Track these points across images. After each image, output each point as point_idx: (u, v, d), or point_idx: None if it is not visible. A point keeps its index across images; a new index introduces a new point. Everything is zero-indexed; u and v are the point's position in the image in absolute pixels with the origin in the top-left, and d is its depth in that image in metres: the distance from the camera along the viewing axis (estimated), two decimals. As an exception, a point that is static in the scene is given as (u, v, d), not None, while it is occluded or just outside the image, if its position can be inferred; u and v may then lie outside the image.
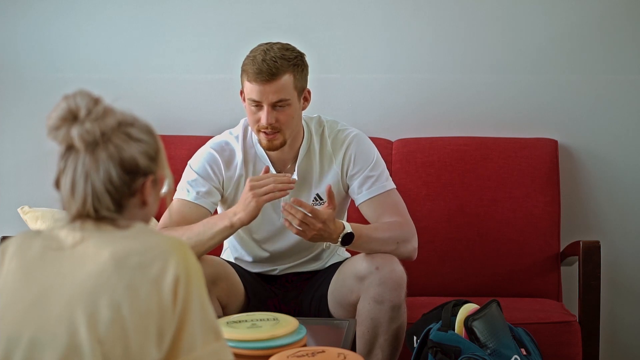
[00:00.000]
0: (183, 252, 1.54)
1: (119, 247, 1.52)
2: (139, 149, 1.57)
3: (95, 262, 1.51)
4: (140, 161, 1.57)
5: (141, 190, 1.58)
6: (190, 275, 1.52)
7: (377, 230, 2.66)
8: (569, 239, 3.25)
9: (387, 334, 2.62)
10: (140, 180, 1.57)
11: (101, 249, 1.52)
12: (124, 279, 1.49)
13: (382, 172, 2.77)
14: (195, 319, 1.53)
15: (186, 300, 1.51)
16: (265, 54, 2.61)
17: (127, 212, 1.58)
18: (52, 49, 3.48)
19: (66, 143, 1.54)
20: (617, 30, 3.37)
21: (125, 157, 1.55)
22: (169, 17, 3.47)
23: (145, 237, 1.55)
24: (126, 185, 1.56)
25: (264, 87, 2.60)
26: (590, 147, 3.40)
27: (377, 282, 2.58)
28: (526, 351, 2.63)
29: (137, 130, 1.58)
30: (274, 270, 2.86)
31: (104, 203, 1.54)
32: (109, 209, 1.55)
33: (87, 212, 1.55)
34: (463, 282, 3.23)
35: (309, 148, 2.76)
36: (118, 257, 1.51)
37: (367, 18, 3.42)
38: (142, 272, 1.50)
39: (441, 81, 3.43)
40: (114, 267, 1.50)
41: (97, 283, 1.49)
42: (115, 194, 1.55)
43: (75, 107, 1.54)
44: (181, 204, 2.70)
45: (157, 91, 3.49)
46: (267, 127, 2.63)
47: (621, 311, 3.41)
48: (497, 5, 3.40)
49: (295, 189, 2.74)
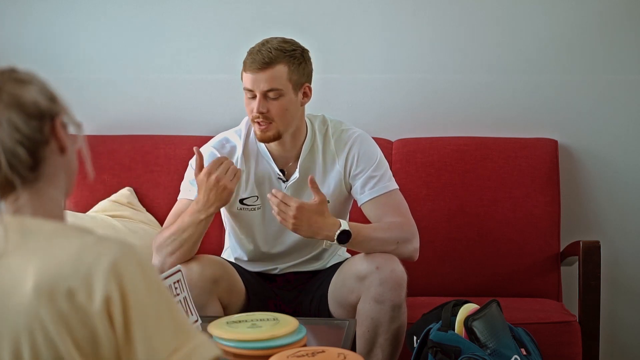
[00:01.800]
0: (114, 263, 1.33)
1: (44, 268, 1.32)
2: (36, 90, 1.40)
3: (20, 292, 1.32)
4: (41, 103, 1.40)
5: (54, 134, 1.41)
6: (125, 288, 1.32)
7: (377, 230, 2.66)
8: (569, 239, 3.25)
9: (387, 333, 2.62)
10: (49, 125, 1.40)
11: (26, 269, 1.32)
12: (53, 314, 1.31)
13: (385, 173, 2.77)
14: (149, 333, 1.33)
15: (126, 317, 1.32)
16: (262, 45, 2.65)
17: (48, 163, 1.41)
18: (52, 49, 3.48)
19: None
20: (617, 30, 3.37)
21: (25, 101, 1.38)
22: (169, 17, 3.47)
23: (72, 245, 1.35)
24: (37, 131, 1.38)
25: (256, 75, 2.62)
26: (590, 147, 3.40)
27: (378, 282, 2.58)
28: (526, 351, 2.63)
29: (23, 74, 1.41)
30: (275, 270, 2.86)
31: (20, 157, 1.36)
32: (27, 164, 1.37)
33: (5, 176, 1.37)
34: (463, 282, 3.23)
35: (312, 146, 2.77)
36: (44, 284, 1.31)
37: (367, 18, 3.42)
38: (70, 301, 1.31)
39: (441, 81, 3.43)
40: (40, 299, 1.31)
41: (24, 320, 1.32)
42: (29, 144, 1.37)
43: None
44: (185, 204, 2.70)
45: (157, 91, 3.49)
46: (258, 117, 2.64)
47: (621, 311, 3.42)
48: (497, 5, 3.40)
49: (297, 187, 2.75)
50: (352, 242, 2.61)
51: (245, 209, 2.78)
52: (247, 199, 2.77)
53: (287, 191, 2.75)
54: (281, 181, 2.76)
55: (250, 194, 2.76)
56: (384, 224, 2.68)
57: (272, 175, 2.76)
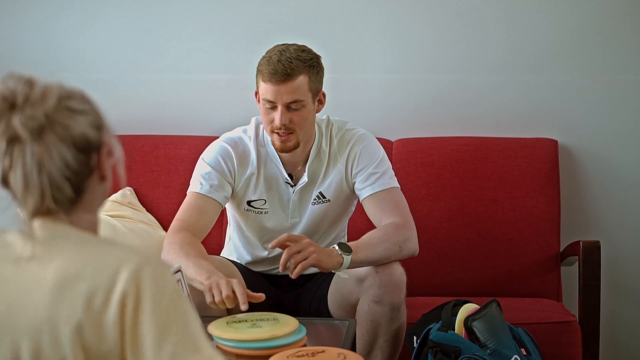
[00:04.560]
0: (135, 270, 1.35)
1: (66, 269, 1.35)
2: (86, 122, 1.41)
3: (38, 291, 1.35)
4: (90, 135, 1.41)
5: (98, 166, 1.43)
6: (141, 294, 1.34)
7: (375, 248, 2.59)
8: (569, 239, 3.25)
9: (386, 334, 2.62)
10: (95, 156, 1.42)
11: (47, 269, 1.36)
12: (67, 314, 1.34)
13: (387, 171, 2.77)
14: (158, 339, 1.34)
15: (136, 320, 1.34)
16: (281, 54, 2.61)
17: (88, 193, 1.43)
18: (53, 49, 3.48)
19: (7, 135, 1.36)
20: (617, 30, 3.37)
21: (75, 134, 1.38)
22: (170, 17, 3.47)
23: (96, 251, 1.38)
24: (84, 165, 1.40)
25: (279, 87, 2.59)
26: (590, 147, 3.40)
27: (377, 283, 2.57)
28: (526, 351, 2.63)
29: (77, 102, 1.41)
30: (275, 270, 2.86)
31: (65, 192, 1.38)
32: (70, 198, 1.39)
33: (47, 206, 1.39)
34: (463, 282, 3.23)
35: (319, 150, 2.76)
36: (63, 284, 1.34)
37: (368, 18, 3.42)
38: (86, 303, 1.34)
39: (441, 81, 3.43)
40: (57, 298, 1.34)
41: (36, 318, 1.34)
42: (75, 179, 1.39)
43: (11, 94, 1.37)
44: (195, 198, 2.70)
45: (157, 91, 3.49)
46: (280, 128, 2.63)
47: (621, 311, 3.42)
48: (497, 5, 3.40)
49: (302, 189, 2.75)
50: (356, 255, 2.54)
51: (252, 211, 2.78)
52: (255, 201, 2.77)
53: (295, 195, 2.74)
54: (289, 185, 2.76)
55: (259, 197, 2.76)
56: (382, 235, 2.64)
57: (280, 180, 2.76)
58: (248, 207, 2.77)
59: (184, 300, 1.39)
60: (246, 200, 2.76)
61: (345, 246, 2.55)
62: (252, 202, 2.77)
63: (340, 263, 2.52)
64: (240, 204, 2.77)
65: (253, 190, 2.75)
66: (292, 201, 2.76)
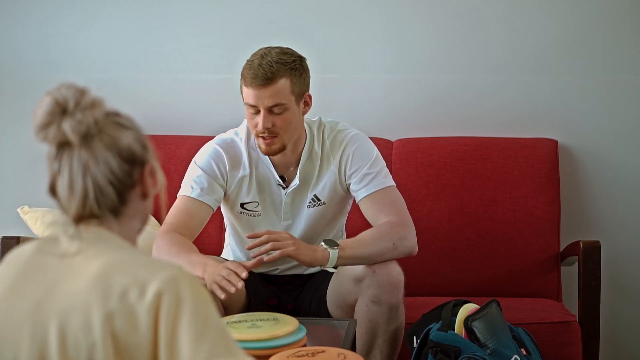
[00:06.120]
0: (172, 276, 1.42)
1: (107, 267, 1.42)
2: (133, 137, 1.49)
3: (76, 281, 1.42)
4: (136, 149, 1.48)
5: (141, 181, 1.51)
6: (180, 294, 1.40)
7: (366, 245, 2.60)
8: (569, 239, 3.25)
9: (385, 335, 2.61)
10: (138, 170, 1.50)
11: (88, 265, 1.43)
12: (100, 304, 1.39)
13: (381, 170, 2.76)
14: (196, 336, 1.39)
15: (176, 316, 1.39)
16: (262, 58, 2.60)
17: (130, 206, 1.50)
18: (52, 49, 3.48)
19: (58, 140, 1.44)
20: (617, 30, 3.37)
21: (122, 146, 1.47)
22: (169, 17, 3.47)
23: (138, 257, 1.45)
24: (128, 175, 1.48)
25: (260, 91, 2.59)
26: (590, 147, 3.40)
27: (375, 283, 2.57)
28: (526, 351, 2.63)
29: (124, 119, 1.50)
30: (275, 270, 2.86)
31: (108, 196, 1.46)
32: (113, 203, 1.47)
33: (90, 210, 1.45)
34: (463, 282, 3.23)
35: (311, 151, 2.76)
36: (102, 279, 1.40)
37: (367, 18, 3.42)
38: (121, 298, 1.39)
39: (441, 81, 3.43)
40: (93, 289, 1.40)
41: (76, 301, 1.40)
42: (119, 186, 1.47)
43: (63, 100, 1.45)
44: (185, 201, 2.70)
45: (157, 91, 3.49)
46: (264, 132, 2.63)
47: (621, 311, 3.41)
48: (497, 5, 3.40)
49: (296, 193, 2.75)
50: (344, 250, 2.56)
51: (245, 213, 2.78)
52: (248, 204, 2.77)
53: (287, 197, 2.74)
54: (281, 187, 2.76)
55: (252, 200, 2.76)
56: (375, 232, 2.64)
57: (272, 182, 2.76)
58: (241, 210, 2.77)
59: (216, 309, 1.46)
60: (239, 202, 2.76)
61: (332, 242, 2.57)
62: (245, 204, 2.76)
63: (326, 258, 2.54)
64: (234, 206, 2.77)
65: (246, 192, 2.75)
66: (285, 203, 2.75)
